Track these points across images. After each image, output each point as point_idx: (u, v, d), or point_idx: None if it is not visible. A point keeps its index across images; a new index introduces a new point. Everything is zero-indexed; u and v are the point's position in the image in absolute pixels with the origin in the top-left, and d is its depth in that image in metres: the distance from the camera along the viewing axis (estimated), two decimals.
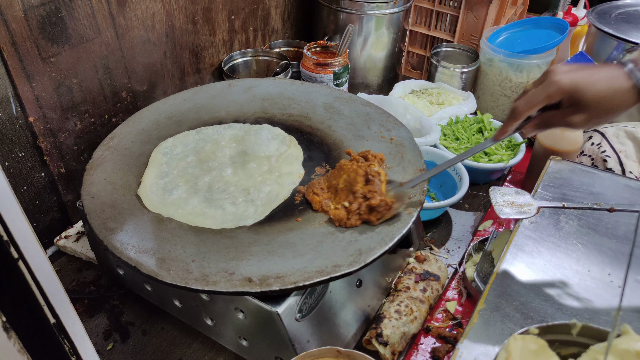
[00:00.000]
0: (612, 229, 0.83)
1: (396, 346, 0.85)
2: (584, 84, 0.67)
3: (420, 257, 1.01)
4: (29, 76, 0.93)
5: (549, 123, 0.74)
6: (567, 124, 0.71)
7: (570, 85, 0.68)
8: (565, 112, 0.71)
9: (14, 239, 0.50)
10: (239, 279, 0.71)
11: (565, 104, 0.70)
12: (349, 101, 1.10)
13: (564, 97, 0.69)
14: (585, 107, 0.68)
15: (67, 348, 0.60)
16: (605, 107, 0.68)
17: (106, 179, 0.88)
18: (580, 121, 0.70)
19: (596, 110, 0.68)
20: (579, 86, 0.68)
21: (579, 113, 0.69)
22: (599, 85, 0.67)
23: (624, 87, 0.67)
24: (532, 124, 0.75)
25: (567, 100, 0.69)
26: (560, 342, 0.58)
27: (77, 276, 1.03)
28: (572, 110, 0.70)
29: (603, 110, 0.68)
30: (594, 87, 0.67)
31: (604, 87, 0.67)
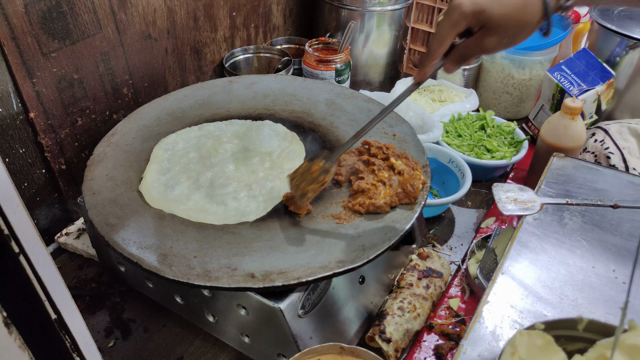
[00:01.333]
0: (616, 226, 0.83)
1: (399, 343, 0.84)
2: (487, 3, 0.64)
3: (423, 254, 1.00)
4: (30, 72, 0.92)
5: (465, 54, 0.70)
6: (481, 49, 0.68)
7: (472, 6, 0.65)
8: (477, 38, 0.67)
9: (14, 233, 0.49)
10: (241, 275, 0.70)
11: (475, 29, 0.67)
12: (351, 97, 1.09)
13: (471, 21, 0.66)
14: (495, 27, 0.65)
15: (68, 344, 0.59)
16: (514, 24, 0.65)
17: (107, 175, 0.87)
18: (493, 43, 0.67)
19: (506, 28, 0.65)
20: (481, 5, 0.64)
21: (489, 35, 0.66)
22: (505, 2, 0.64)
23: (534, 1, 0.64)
24: (450, 59, 0.71)
25: (475, 23, 0.66)
26: (566, 338, 0.58)
27: (78, 273, 1.03)
28: (482, 33, 0.67)
29: (513, 27, 0.65)
30: (499, 3, 0.64)
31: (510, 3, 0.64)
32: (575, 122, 1.11)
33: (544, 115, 1.37)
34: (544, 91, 1.36)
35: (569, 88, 1.28)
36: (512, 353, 0.54)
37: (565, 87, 1.28)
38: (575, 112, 1.10)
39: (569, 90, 1.27)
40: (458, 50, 0.70)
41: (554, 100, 1.33)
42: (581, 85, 1.28)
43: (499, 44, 0.67)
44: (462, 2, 0.65)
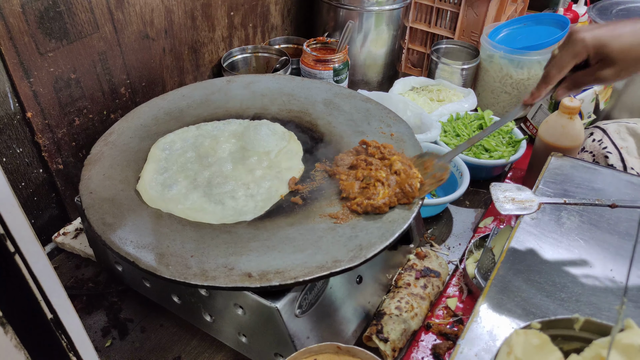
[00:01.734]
0: (614, 225, 0.83)
1: (397, 343, 0.84)
2: (608, 37, 0.68)
3: (421, 253, 1.00)
4: (27, 71, 0.92)
5: (579, 82, 0.74)
6: (597, 80, 0.72)
7: (594, 41, 0.69)
8: (594, 69, 0.71)
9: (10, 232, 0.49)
10: (238, 274, 0.70)
11: (593, 61, 0.71)
12: (349, 97, 1.09)
13: (590, 54, 0.70)
14: (613, 60, 0.69)
15: (64, 344, 0.59)
16: (632, 57, 0.69)
17: (104, 175, 0.87)
18: (610, 75, 0.71)
19: (624, 61, 0.69)
20: (602, 40, 0.69)
21: (607, 67, 0.70)
22: (624, 37, 0.68)
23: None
24: (564, 86, 0.76)
25: (594, 56, 0.70)
26: (562, 337, 0.58)
27: (76, 273, 1.02)
28: (600, 65, 0.71)
29: (630, 61, 0.69)
30: (618, 39, 0.68)
31: (628, 38, 0.68)
32: (573, 122, 1.11)
33: (542, 114, 1.37)
34: None
35: None
36: (508, 352, 0.54)
37: None
38: (573, 112, 1.10)
39: None
40: (574, 78, 0.74)
41: (552, 100, 1.33)
42: None
43: (616, 75, 0.71)
44: (585, 36, 0.70)
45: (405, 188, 0.82)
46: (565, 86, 0.76)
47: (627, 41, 0.68)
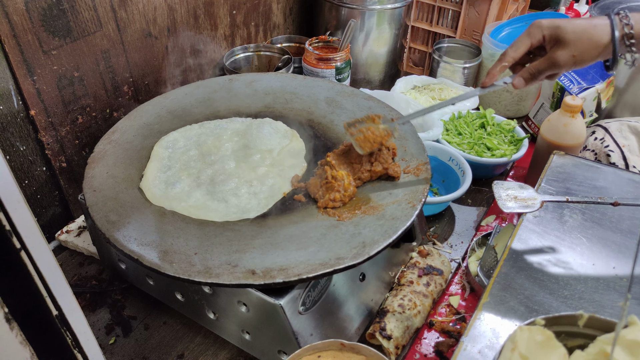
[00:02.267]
0: (616, 223, 0.83)
1: (400, 340, 0.84)
2: (562, 21, 0.73)
3: (424, 251, 1.00)
4: (30, 69, 0.92)
5: (536, 69, 0.76)
6: (552, 63, 0.74)
7: (549, 23, 0.73)
8: (549, 54, 0.74)
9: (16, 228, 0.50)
10: (242, 272, 0.71)
11: (549, 46, 0.74)
12: (351, 95, 1.09)
13: (546, 35, 0.74)
14: (566, 41, 0.72)
15: (69, 341, 0.59)
16: (585, 40, 0.72)
17: (108, 173, 0.88)
18: (564, 57, 0.73)
19: (577, 43, 0.72)
20: (557, 22, 0.73)
21: (561, 49, 0.73)
22: (577, 21, 0.73)
23: (600, 22, 0.72)
24: (520, 74, 0.78)
25: (549, 39, 0.74)
26: (566, 334, 0.58)
27: (79, 271, 1.03)
28: (554, 49, 0.73)
29: (584, 43, 0.72)
30: (572, 23, 0.72)
31: (582, 22, 0.72)
32: (575, 120, 1.11)
33: (544, 113, 1.37)
34: (544, 89, 1.36)
35: (569, 86, 1.28)
36: (512, 349, 0.54)
37: (565, 85, 1.28)
38: (576, 110, 1.11)
39: (569, 89, 1.28)
40: (530, 66, 0.76)
41: (554, 99, 1.33)
42: (581, 84, 1.28)
43: (569, 57, 0.73)
44: (542, 21, 0.74)
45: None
46: (521, 74, 0.78)
47: (580, 24, 0.72)
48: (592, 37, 0.72)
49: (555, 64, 0.74)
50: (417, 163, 0.90)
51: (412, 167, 0.88)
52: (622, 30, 0.72)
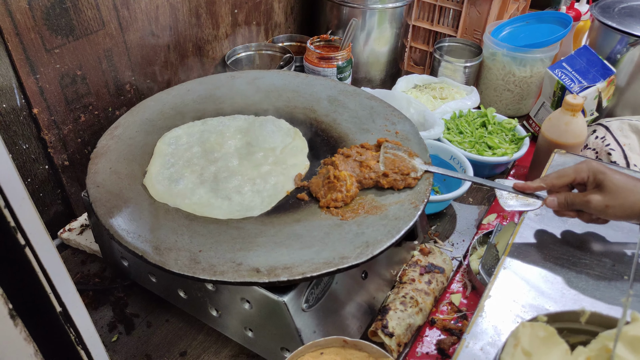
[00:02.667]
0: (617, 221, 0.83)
1: (402, 337, 0.85)
2: (609, 169, 0.75)
3: (425, 249, 1.00)
4: (33, 67, 0.92)
5: (570, 199, 0.77)
6: (585, 203, 0.75)
7: (597, 165, 0.75)
8: (587, 192, 0.76)
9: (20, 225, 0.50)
10: (246, 270, 0.71)
11: (589, 187, 0.76)
12: (353, 94, 1.09)
13: (590, 176, 0.75)
14: (605, 188, 0.74)
15: (73, 337, 0.59)
16: (622, 196, 0.73)
17: (111, 168, 0.88)
18: (597, 204, 0.74)
19: (615, 194, 0.73)
20: (603, 168, 0.75)
21: (598, 194, 0.74)
22: (623, 175, 0.74)
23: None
24: (555, 196, 0.79)
25: (592, 180, 0.75)
26: (568, 330, 0.58)
27: (81, 269, 1.03)
28: (593, 190, 0.75)
29: (621, 197, 0.73)
30: (617, 174, 0.74)
31: (625, 177, 0.74)
32: (576, 119, 1.12)
33: (545, 112, 1.37)
34: (545, 88, 1.36)
35: (570, 85, 1.28)
36: (515, 345, 0.54)
37: (566, 84, 1.28)
38: (577, 109, 1.11)
39: (569, 87, 1.28)
40: (567, 195, 0.78)
41: (555, 98, 1.33)
42: (582, 82, 1.28)
43: (603, 205, 0.74)
44: (592, 161, 0.77)
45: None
46: (557, 197, 0.79)
47: (624, 179, 0.73)
48: (628, 197, 0.73)
49: (588, 204, 0.75)
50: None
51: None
52: None
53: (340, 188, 0.82)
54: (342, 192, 0.82)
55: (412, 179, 0.85)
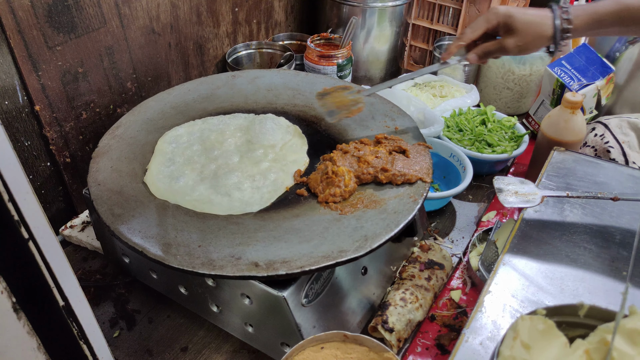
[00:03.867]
0: (616, 218, 0.84)
1: (402, 333, 0.85)
2: (516, 11, 0.83)
3: (425, 246, 1.01)
4: (35, 64, 0.93)
5: (487, 49, 0.87)
6: (501, 49, 0.85)
7: (504, 10, 0.83)
8: (501, 39, 0.84)
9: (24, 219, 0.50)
10: (245, 264, 0.71)
11: (501, 32, 0.84)
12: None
13: (500, 22, 0.84)
14: (516, 30, 0.82)
15: (75, 332, 0.60)
16: (532, 32, 0.83)
17: (112, 167, 0.88)
18: (511, 45, 0.84)
19: (525, 34, 0.82)
20: (511, 11, 0.83)
21: (511, 37, 0.83)
22: (529, 12, 0.83)
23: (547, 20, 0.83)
24: (474, 51, 0.88)
25: (502, 25, 0.83)
26: (567, 324, 0.59)
27: (83, 265, 1.03)
28: (506, 35, 0.84)
29: (530, 35, 0.83)
30: (524, 14, 0.83)
31: (531, 16, 0.83)
32: (576, 116, 1.12)
33: (544, 110, 1.38)
34: (544, 86, 1.37)
35: (569, 83, 1.29)
36: (514, 337, 0.54)
37: (566, 82, 1.29)
38: (576, 106, 1.11)
39: (569, 85, 1.28)
40: (483, 45, 0.87)
41: (554, 96, 1.33)
42: (581, 80, 1.29)
43: (516, 46, 0.84)
44: (498, 7, 0.84)
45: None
46: (475, 51, 0.88)
47: (530, 16, 0.82)
48: (537, 29, 0.82)
49: (503, 48, 0.84)
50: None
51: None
52: (562, 25, 0.82)
53: (338, 183, 0.83)
54: (340, 187, 0.83)
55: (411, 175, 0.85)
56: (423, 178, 0.85)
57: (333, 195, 0.83)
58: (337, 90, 0.93)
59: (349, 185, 0.84)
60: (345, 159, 0.88)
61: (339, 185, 0.83)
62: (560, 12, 0.82)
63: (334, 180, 0.83)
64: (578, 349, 0.55)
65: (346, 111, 0.93)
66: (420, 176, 0.86)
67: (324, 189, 0.84)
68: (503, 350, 0.55)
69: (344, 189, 0.83)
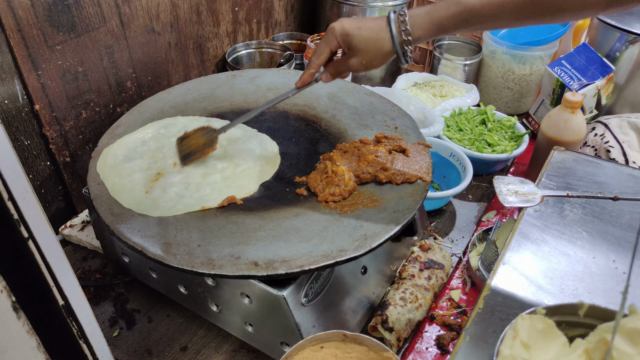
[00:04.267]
0: (616, 217, 0.84)
1: (401, 332, 0.85)
2: (352, 29, 0.77)
3: (425, 245, 1.01)
4: (35, 64, 0.93)
5: (337, 68, 0.82)
6: (348, 67, 0.80)
7: (341, 31, 0.77)
8: (345, 57, 0.79)
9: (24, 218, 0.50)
10: (245, 263, 0.71)
11: (345, 50, 0.79)
12: (352, 91, 1.10)
13: (340, 42, 0.78)
14: (356, 50, 0.77)
15: (75, 331, 0.60)
16: (371, 49, 0.77)
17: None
18: (356, 64, 0.78)
19: (364, 51, 0.77)
20: (348, 31, 0.77)
21: (353, 56, 0.78)
22: (364, 31, 0.76)
23: (385, 34, 0.76)
24: (326, 71, 0.83)
25: (344, 45, 0.78)
26: (567, 324, 0.59)
27: (83, 265, 1.03)
28: (348, 54, 0.78)
29: (370, 52, 0.77)
30: (360, 33, 0.76)
31: (367, 33, 0.76)
32: (576, 116, 1.12)
33: (544, 110, 1.38)
34: (544, 86, 1.37)
35: (569, 83, 1.29)
36: (513, 337, 0.54)
37: (566, 81, 1.29)
38: (576, 106, 1.11)
39: (569, 85, 1.28)
40: (331, 65, 0.82)
41: (554, 95, 1.33)
42: (581, 80, 1.28)
43: (359, 64, 0.78)
44: (335, 26, 0.78)
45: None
46: (327, 71, 0.82)
47: (365, 35, 0.76)
48: (376, 46, 0.76)
49: (349, 66, 0.79)
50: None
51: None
52: (400, 37, 0.75)
53: (338, 182, 0.83)
54: (339, 186, 0.83)
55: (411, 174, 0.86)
56: (423, 177, 0.85)
57: (333, 195, 0.83)
58: (196, 132, 0.89)
59: (349, 185, 0.84)
60: (345, 158, 0.88)
61: (339, 185, 0.83)
62: (398, 23, 0.75)
63: (334, 179, 0.83)
64: (578, 349, 0.55)
65: (199, 152, 0.88)
66: (420, 175, 0.86)
67: (324, 188, 0.84)
68: (503, 350, 0.54)
69: (344, 188, 0.83)
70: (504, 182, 0.89)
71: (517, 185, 0.89)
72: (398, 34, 0.75)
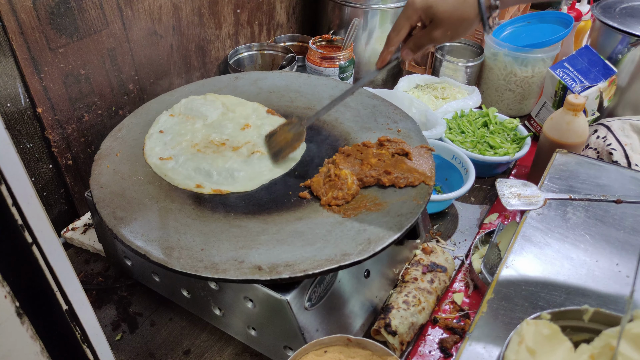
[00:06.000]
0: (619, 220, 0.84)
1: (404, 336, 0.85)
2: (435, 1, 0.76)
3: (427, 249, 1.01)
4: (38, 67, 0.93)
5: (418, 43, 0.81)
6: (431, 40, 0.79)
7: (422, 3, 0.77)
8: (427, 30, 0.79)
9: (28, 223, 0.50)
10: (248, 267, 0.71)
11: (427, 22, 0.79)
12: (355, 94, 1.10)
13: (422, 15, 0.78)
14: (440, 21, 0.77)
15: (78, 336, 0.60)
16: (455, 18, 0.76)
17: (114, 170, 0.88)
18: (439, 35, 0.78)
19: (449, 22, 0.77)
20: (430, 2, 0.76)
21: (436, 28, 0.77)
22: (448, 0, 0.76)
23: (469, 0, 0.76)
24: (406, 46, 0.82)
25: (425, 18, 0.78)
26: (572, 329, 0.59)
27: (85, 268, 1.03)
28: (430, 26, 0.78)
29: (454, 21, 0.76)
30: (445, 1, 0.76)
31: (452, 1, 0.76)
32: (578, 119, 1.12)
33: (546, 112, 1.37)
34: (547, 88, 1.37)
35: (571, 85, 1.28)
36: (519, 342, 0.54)
37: (568, 84, 1.29)
38: (578, 108, 1.11)
39: (571, 87, 1.28)
40: (412, 39, 0.81)
41: (557, 97, 1.33)
42: (583, 82, 1.28)
43: (444, 35, 0.78)
44: (415, 1, 0.78)
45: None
46: (407, 47, 0.82)
47: (450, 3, 0.76)
48: (462, 15, 0.76)
49: (433, 39, 0.79)
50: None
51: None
52: (488, 1, 0.75)
53: (341, 186, 0.83)
54: (342, 190, 0.83)
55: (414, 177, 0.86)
56: (426, 181, 0.85)
57: (336, 198, 0.83)
58: (282, 128, 0.92)
59: (352, 188, 0.84)
60: (348, 162, 0.88)
61: (342, 188, 0.83)
62: None
63: (337, 183, 0.83)
64: (583, 354, 0.55)
65: (289, 148, 0.92)
66: (423, 179, 0.86)
67: (327, 192, 0.84)
68: (508, 355, 0.54)
69: (347, 192, 0.83)
70: (507, 184, 0.89)
71: (520, 188, 0.89)
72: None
